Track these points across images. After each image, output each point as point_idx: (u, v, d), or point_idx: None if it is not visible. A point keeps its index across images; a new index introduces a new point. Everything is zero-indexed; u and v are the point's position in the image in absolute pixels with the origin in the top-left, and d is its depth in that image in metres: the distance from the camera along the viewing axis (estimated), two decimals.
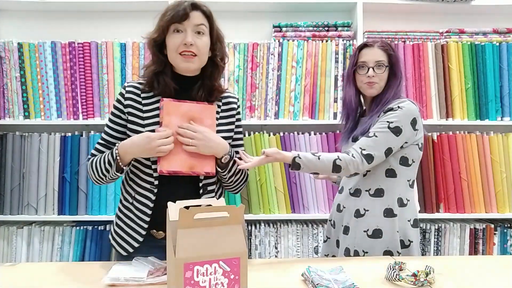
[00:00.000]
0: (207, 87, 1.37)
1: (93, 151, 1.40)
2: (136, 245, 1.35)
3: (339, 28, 2.32)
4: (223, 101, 1.43)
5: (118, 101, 1.37)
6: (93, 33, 2.33)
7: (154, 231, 1.35)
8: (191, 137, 1.29)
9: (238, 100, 1.48)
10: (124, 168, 1.31)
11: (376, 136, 1.45)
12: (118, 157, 1.28)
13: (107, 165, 1.31)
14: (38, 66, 2.21)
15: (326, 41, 2.29)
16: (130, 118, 1.35)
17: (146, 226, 1.34)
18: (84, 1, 2.27)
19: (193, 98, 1.35)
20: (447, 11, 2.41)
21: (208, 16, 1.34)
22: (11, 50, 2.21)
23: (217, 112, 1.40)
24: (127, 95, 1.36)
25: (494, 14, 2.46)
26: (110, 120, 1.39)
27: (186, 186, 1.35)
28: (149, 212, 1.34)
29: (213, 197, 1.40)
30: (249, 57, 2.26)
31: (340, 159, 1.43)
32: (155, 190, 1.33)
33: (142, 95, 1.36)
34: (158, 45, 1.34)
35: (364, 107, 1.67)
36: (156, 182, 1.33)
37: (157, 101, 1.35)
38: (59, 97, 2.23)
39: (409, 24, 2.41)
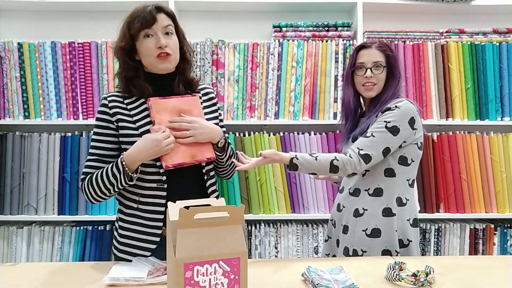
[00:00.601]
0: (184, 82, 1.44)
1: (86, 170, 1.36)
2: (153, 247, 1.34)
3: (339, 28, 2.31)
4: (202, 92, 1.50)
5: (103, 112, 1.38)
6: (93, 33, 2.33)
7: (164, 228, 1.34)
8: (186, 128, 1.33)
9: (213, 90, 1.56)
10: (134, 175, 1.31)
11: (373, 136, 1.45)
12: (126, 168, 1.27)
13: (111, 179, 1.30)
14: (38, 66, 2.21)
15: (326, 41, 2.29)
16: (121, 124, 1.36)
17: (161, 224, 1.34)
18: (84, 1, 2.27)
19: (175, 93, 1.41)
20: (447, 11, 2.41)
21: (172, 17, 1.40)
22: (11, 50, 2.21)
23: (200, 103, 1.45)
24: (111, 104, 1.38)
25: (494, 14, 2.46)
26: (97, 134, 1.38)
27: (192, 177, 1.40)
28: (162, 209, 1.34)
29: (214, 182, 1.46)
30: (249, 57, 2.26)
31: (337, 160, 1.43)
32: (165, 186, 1.34)
33: (125, 101, 1.38)
34: (127, 52, 1.38)
35: (364, 108, 1.68)
36: (164, 178, 1.34)
37: (142, 103, 1.38)
38: (59, 97, 2.23)
39: (409, 24, 2.41)
